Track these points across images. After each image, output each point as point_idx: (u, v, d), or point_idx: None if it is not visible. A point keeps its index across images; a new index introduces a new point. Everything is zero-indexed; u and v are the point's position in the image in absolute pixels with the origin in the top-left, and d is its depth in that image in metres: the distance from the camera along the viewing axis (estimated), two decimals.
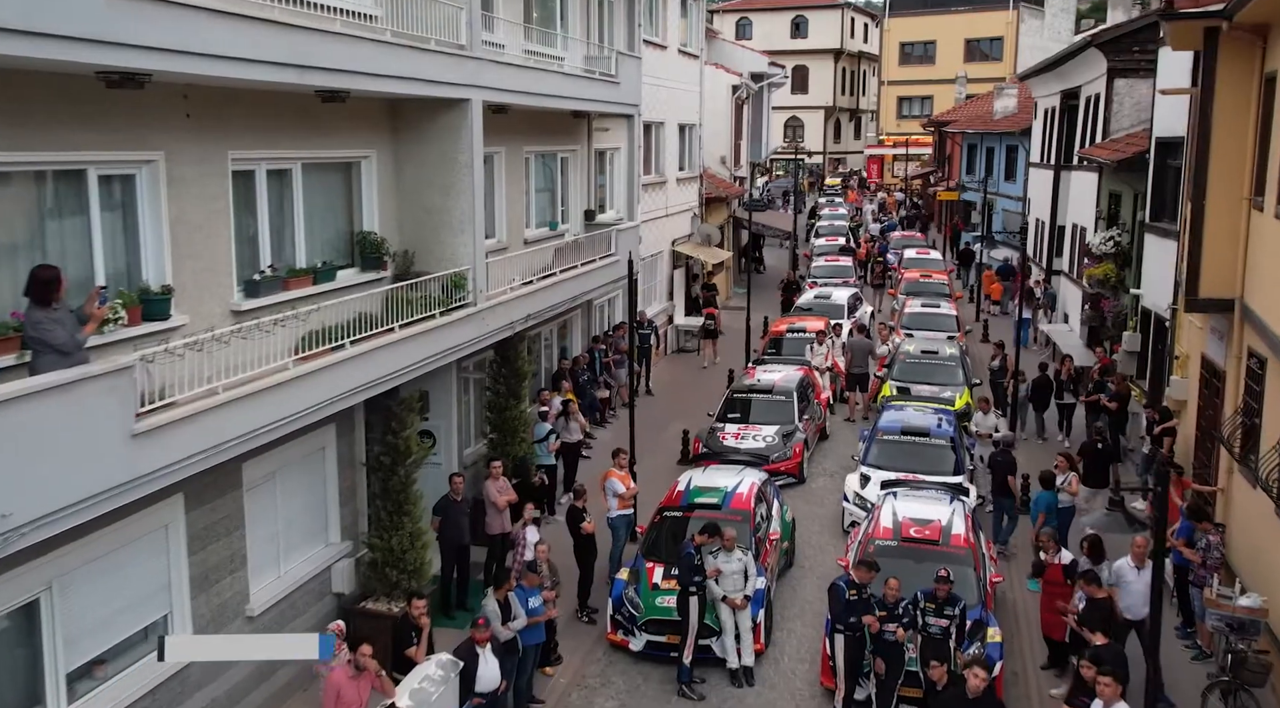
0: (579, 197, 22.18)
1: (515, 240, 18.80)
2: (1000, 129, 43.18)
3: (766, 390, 20.83)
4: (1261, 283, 13.67)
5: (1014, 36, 67.65)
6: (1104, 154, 23.76)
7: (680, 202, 30.60)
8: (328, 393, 11.39)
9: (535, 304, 17.07)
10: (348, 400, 11.93)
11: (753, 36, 73.70)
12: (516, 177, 18.81)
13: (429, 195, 14.63)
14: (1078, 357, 25.45)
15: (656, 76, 27.38)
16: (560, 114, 20.14)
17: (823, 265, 36.92)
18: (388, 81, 12.41)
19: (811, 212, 54.01)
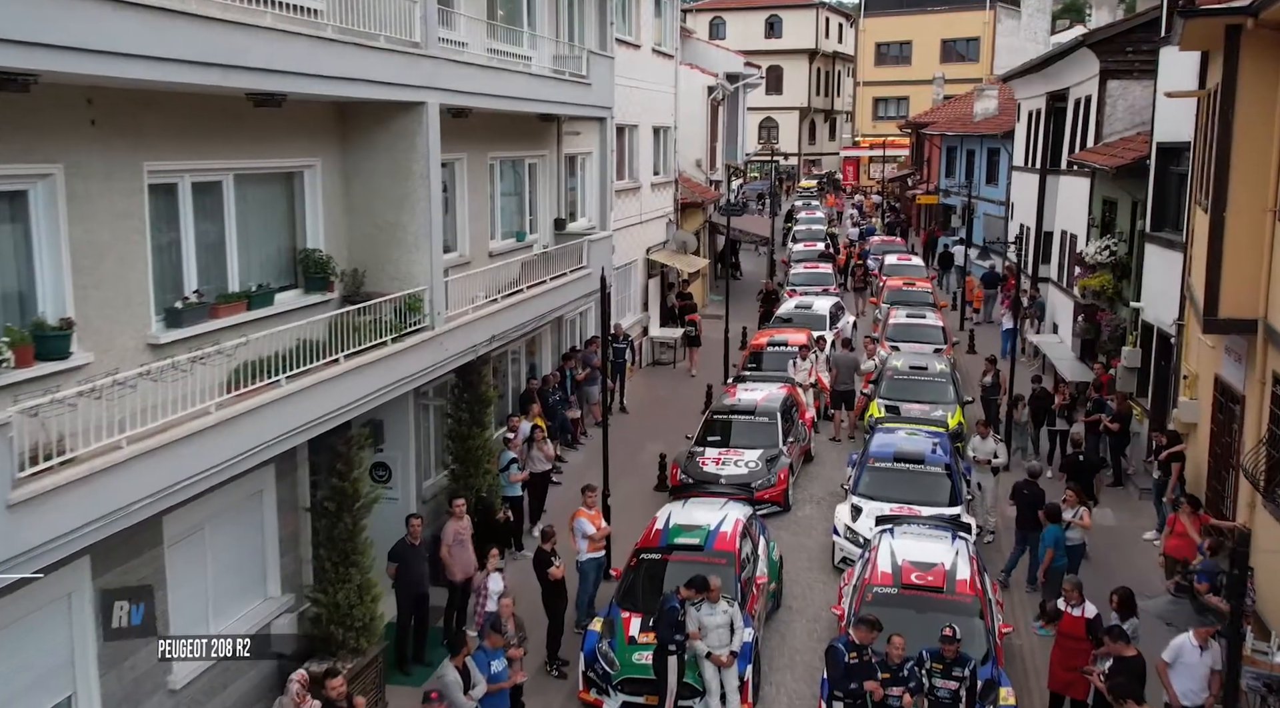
0: (548, 204, 20.87)
1: (479, 254, 17.47)
2: (981, 131, 42.18)
3: (748, 412, 19.59)
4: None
5: (991, 37, 66.92)
6: (1099, 159, 22.69)
7: (655, 207, 29.35)
8: (260, 437, 10.04)
9: (500, 324, 15.74)
10: (286, 443, 10.58)
11: (726, 36, 72.49)
12: (480, 185, 17.48)
13: (381, 208, 13.28)
14: (1070, 370, 24.42)
15: (630, 77, 26.11)
16: (527, 117, 18.83)
17: (801, 273, 35.75)
18: (330, 83, 11.06)
19: (788, 215, 52.84)
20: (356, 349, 11.56)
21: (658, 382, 27.38)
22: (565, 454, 20.94)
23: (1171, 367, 18.40)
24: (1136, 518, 17.95)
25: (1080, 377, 23.80)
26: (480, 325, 14.94)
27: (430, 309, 13.27)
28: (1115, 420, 19.01)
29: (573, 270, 19.07)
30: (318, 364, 10.98)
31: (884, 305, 30.97)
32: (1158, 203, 19.74)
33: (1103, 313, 22.36)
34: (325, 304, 12.57)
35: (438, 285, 13.47)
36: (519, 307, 16.52)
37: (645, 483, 19.71)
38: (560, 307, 18.88)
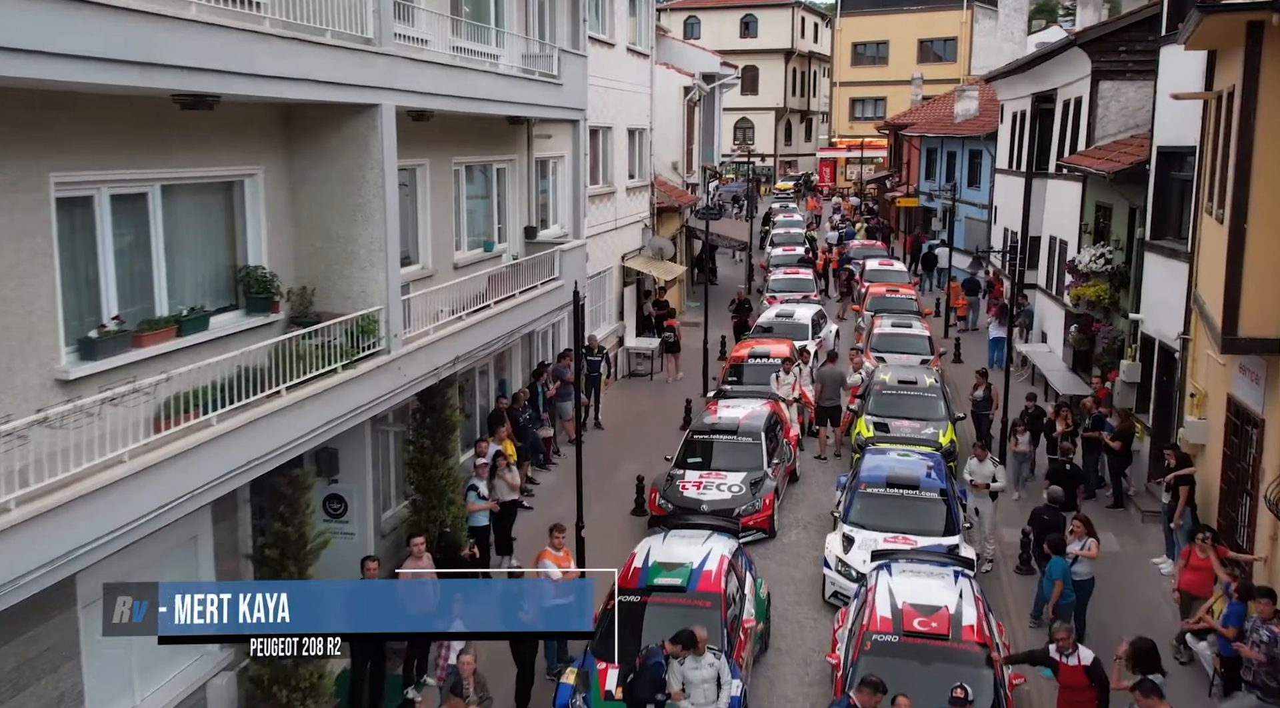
0: (518, 212, 19.73)
1: (443, 266, 16.32)
2: (962, 133, 41.29)
3: (730, 431, 18.50)
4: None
5: (968, 37, 66.26)
6: (1092, 163, 21.77)
7: (630, 213, 28.23)
8: (188, 484, 8.87)
9: (465, 343, 14.60)
10: (218, 490, 9.41)
11: (701, 35, 71.53)
12: (443, 192, 16.32)
13: (331, 221, 12.11)
14: (1061, 382, 23.50)
15: (604, 77, 25.00)
16: (495, 120, 17.68)
17: (781, 279, 34.65)
18: (268, 84, 9.89)
19: (765, 218, 51.82)
20: (301, 379, 10.40)
21: (635, 394, 26.27)
22: (537, 475, 19.82)
23: (1175, 383, 17.46)
24: (1141, 543, 17.00)
25: (1073, 389, 22.89)
26: (443, 346, 13.79)
27: (386, 331, 12.12)
28: (1116, 438, 18.07)
29: (544, 283, 17.94)
30: (257, 398, 9.82)
31: (866, 313, 29.95)
32: (1158, 210, 18.81)
33: (1098, 324, 21.43)
34: (269, 327, 11.41)
35: (394, 304, 12.31)
36: (486, 324, 15.39)
37: (622, 507, 18.60)
38: (531, 322, 17.75)
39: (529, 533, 16.86)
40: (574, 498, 15.18)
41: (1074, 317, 23.35)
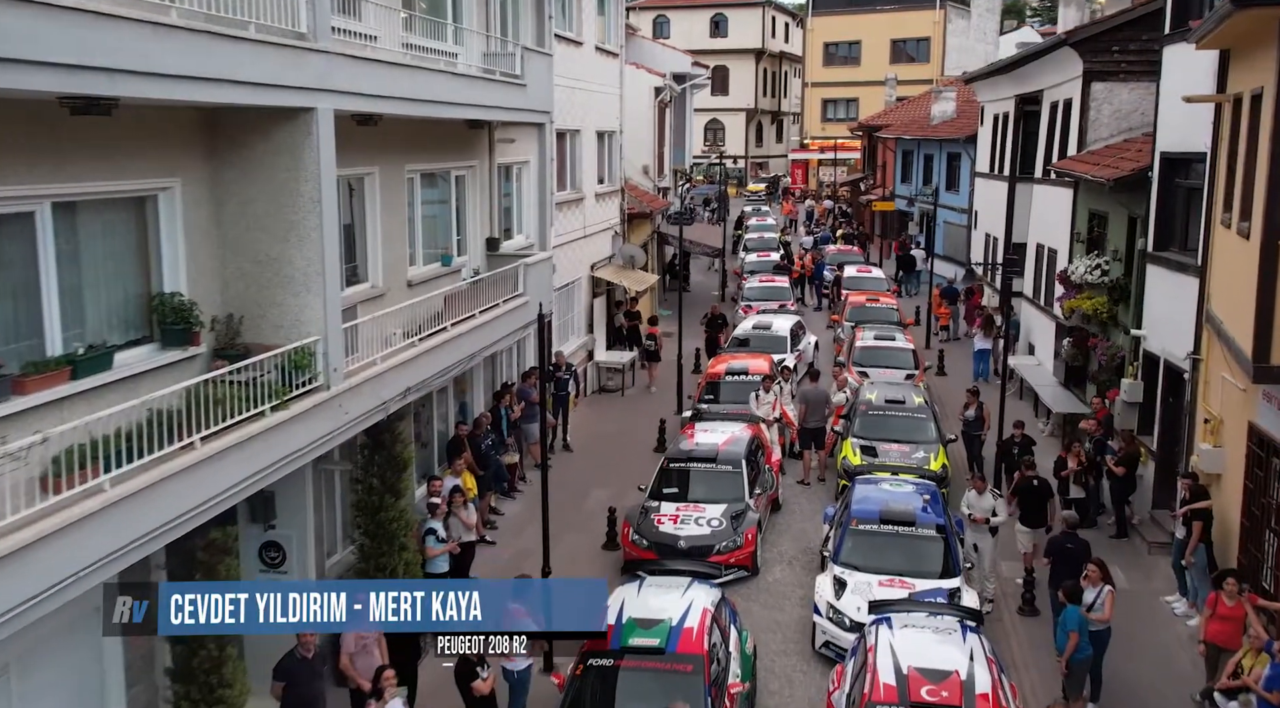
0: (479, 222, 18.33)
1: (396, 283, 14.91)
2: (940, 135, 40.29)
3: (709, 458, 17.17)
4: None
5: (941, 37, 65.42)
6: (1087, 169, 20.64)
7: (600, 220, 26.87)
8: (75, 562, 7.45)
9: (418, 372, 13.19)
10: (115, 565, 7.97)
11: (670, 35, 70.21)
12: (396, 203, 14.92)
13: (261, 240, 10.69)
14: (1053, 397, 22.38)
15: (571, 77, 23.64)
16: (453, 124, 16.29)
17: (757, 287, 33.33)
18: (175, 84, 8.46)
19: (738, 222, 50.55)
20: (220, 427, 8.97)
21: (605, 412, 24.90)
22: (502, 505, 18.44)
23: (1184, 406, 16.31)
24: (1150, 579, 15.84)
25: (1066, 406, 21.79)
26: (393, 377, 12.38)
27: (324, 365, 10.70)
28: (1120, 463, 16.92)
29: (507, 300, 16.55)
30: (168, 451, 8.40)
31: (846, 324, 28.76)
32: (1162, 220, 17.68)
33: (1094, 338, 20.29)
34: (189, 362, 9.97)
35: (334, 334, 10.90)
36: (442, 349, 13.98)
37: (593, 540, 17.23)
38: (493, 343, 16.36)
39: (492, 572, 15.53)
40: (540, 530, 13.86)
41: (1066, 330, 22.24)
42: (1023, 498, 15.57)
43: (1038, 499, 15.48)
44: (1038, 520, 15.35)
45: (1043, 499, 15.56)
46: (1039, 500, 15.48)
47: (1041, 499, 15.54)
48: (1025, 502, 15.49)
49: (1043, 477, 16.31)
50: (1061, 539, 14.14)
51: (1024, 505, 15.45)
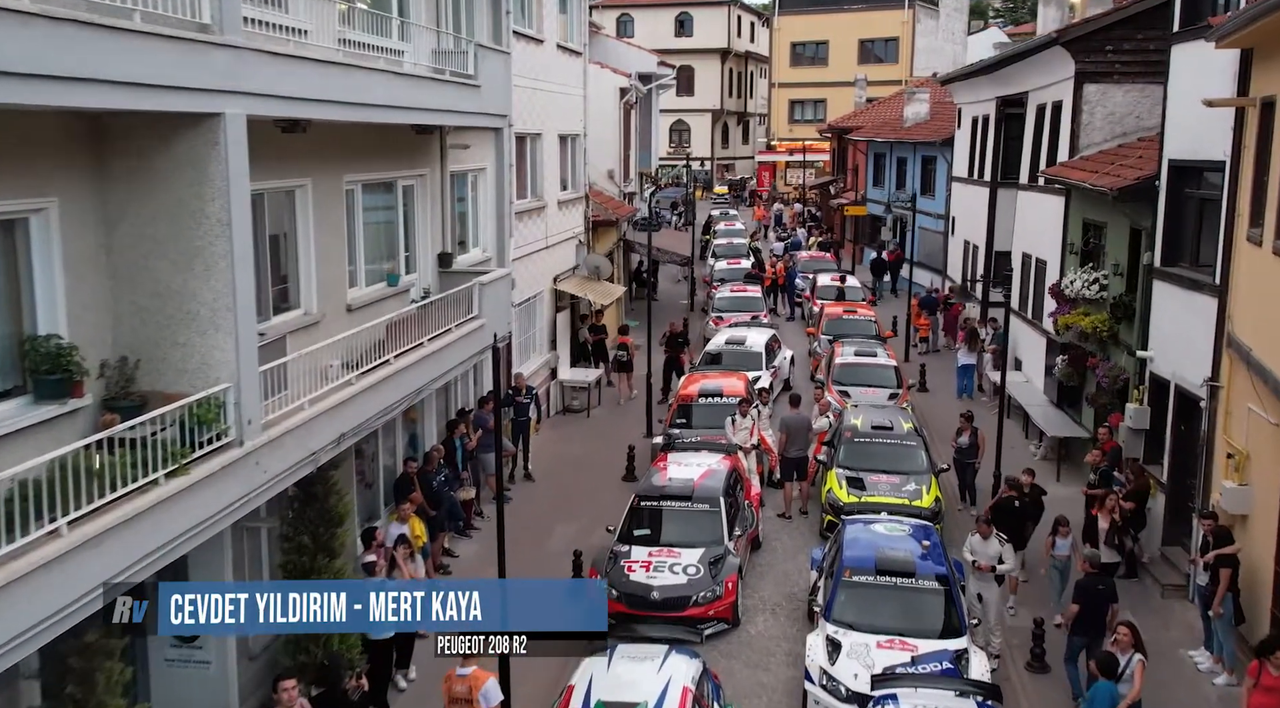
0: (430, 236, 16.71)
1: (333, 308, 13.28)
2: (914, 138, 39.02)
3: (683, 496, 15.63)
4: None
5: (910, 37, 64.33)
6: (1083, 176, 19.32)
7: (563, 229, 25.29)
8: None
9: (355, 414, 11.56)
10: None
11: (635, 34, 68.65)
12: (333, 218, 13.28)
13: (161, 270, 9.05)
14: (1045, 418, 21.06)
15: (532, 77, 22.07)
16: (400, 129, 14.68)
17: (728, 297, 31.77)
18: (34, 86, 6.81)
19: (705, 226, 49.04)
20: (95, 505, 7.31)
21: (570, 435, 23.31)
22: (457, 545, 16.84)
23: (1201, 437, 14.99)
24: (1166, 627, 14.47)
25: (1059, 428, 20.49)
26: (324, 423, 10.75)
27: (237, 416, 9.06)
28: (1129, 498, 15.59)
29: (460, 324, 14.94)
30: (31, 539, 6.74)
31: (823, 337, 27.33)
32: (1171, 233, 16.37)
33: (1093, 358, 18.96)
34: (69, 417, 8.30)
35: (248, 379, 9.25)
36: (385, 385, 12.36)
37: None
38: (444, 374, 14.72)
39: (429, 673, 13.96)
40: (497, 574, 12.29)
41: (1060, 347, 20.92)
42: (1000, 517, 14.64)
43: (1017, 520, 14.75)
44: (1016, 543, 14.40)
45: (1022, 520, 14.81)
46: (1018, 521, 14.75)
47: (1021, 520, 14.80)
48: (1002, 522, 14.51)
49: (1024, 498, 15.27)
50: (1090, 581, 12.80)
51: (1000, 525, 14.36)
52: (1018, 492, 15.33)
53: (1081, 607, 12.62)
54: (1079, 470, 19.83)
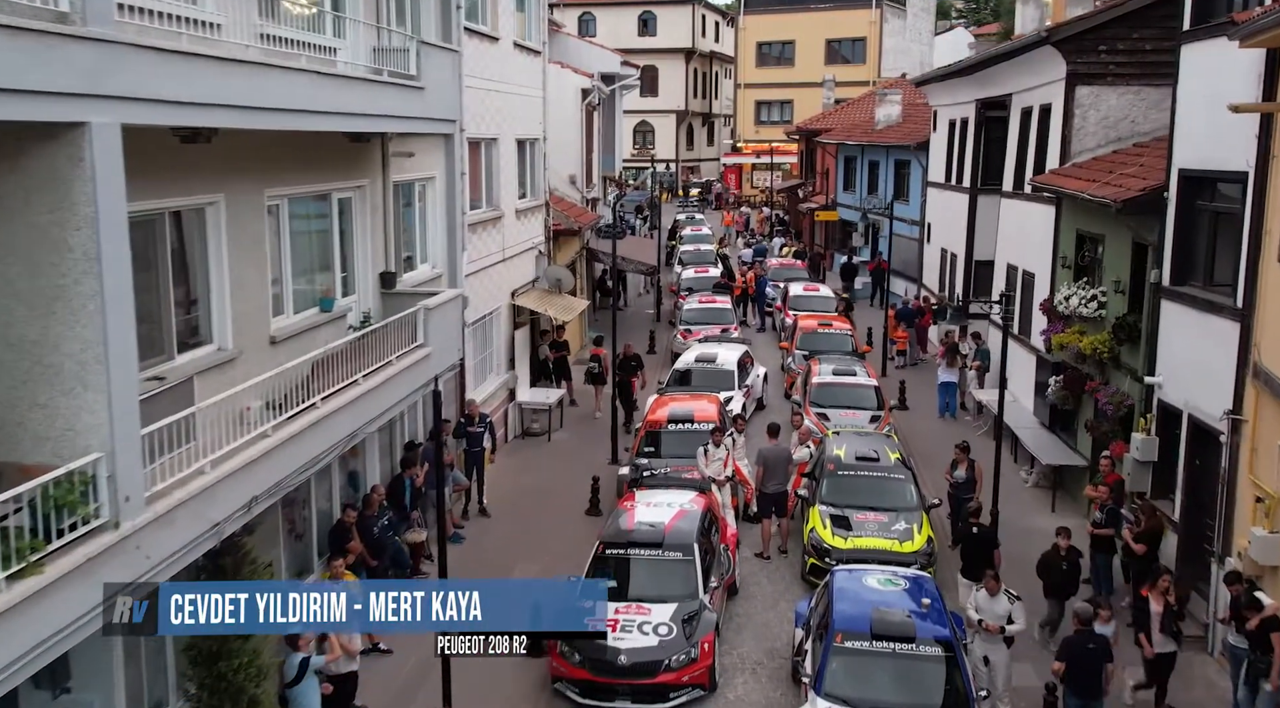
0: (371, 253, 15.05)
1: (253, 342, 11.61)
2: (887, 141, 37.72)
3: (653, 543, 14.05)
4: None
5: (877, 37, 63.25)
6: (1080, 185, 17.97)
7: (522, 239, 23.67)
8: None
9: (272, 471, 9.91)
10: None
11: (597, 33, 67.08)
12: (251, 239, 11.61)
13: (14, 315, 7.37)
14: (1035, 443, 19.73)
15: (486, 78, 20.46)
16: (333, 136, 13.02)
17: (696, 308, 30.22)
18: None
19: (671, 232, 47.48)
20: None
21: (529, 461, 21.68)
22: None
23: (1221, 474, 13.64)
24: (1188, 686, 13.08)
25: (1054, 456, 19.16)
26: (231, 487, 9.10)
27: (112, 493, 7.40)
28: (1141, 539, 14.25)
29: (402, 355, 13.31)
30: None
31: (798, 352, 25.88)
32: (1181, 249, 15.05)
33: (1092, 382, 17.63)
34: None
35: (126, 445, 7.59)
36: (310, 433, 10.71)
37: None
38: (384, 412, 13.06)
39: (390, 692, 12.46)
40: None
41: (1052, 366, 19.60)
42: (965, 547, 14.42)
43: (982, 549, 14.18)
44: (979, 574, 13.48)
45: (988, 549, 14.18)
46: (984, 550, 14.16)
47: (986, 549, 14.18)
48: (968, 551, 14.31)
49: (985, 525, 14.61)
50: (1080, 639, 11.68)
51: (966, 555, 14.28)
52: (976, 518, 14.67)
53: (1069, 666, 11.53)
54: (1075, 502, 18.53)
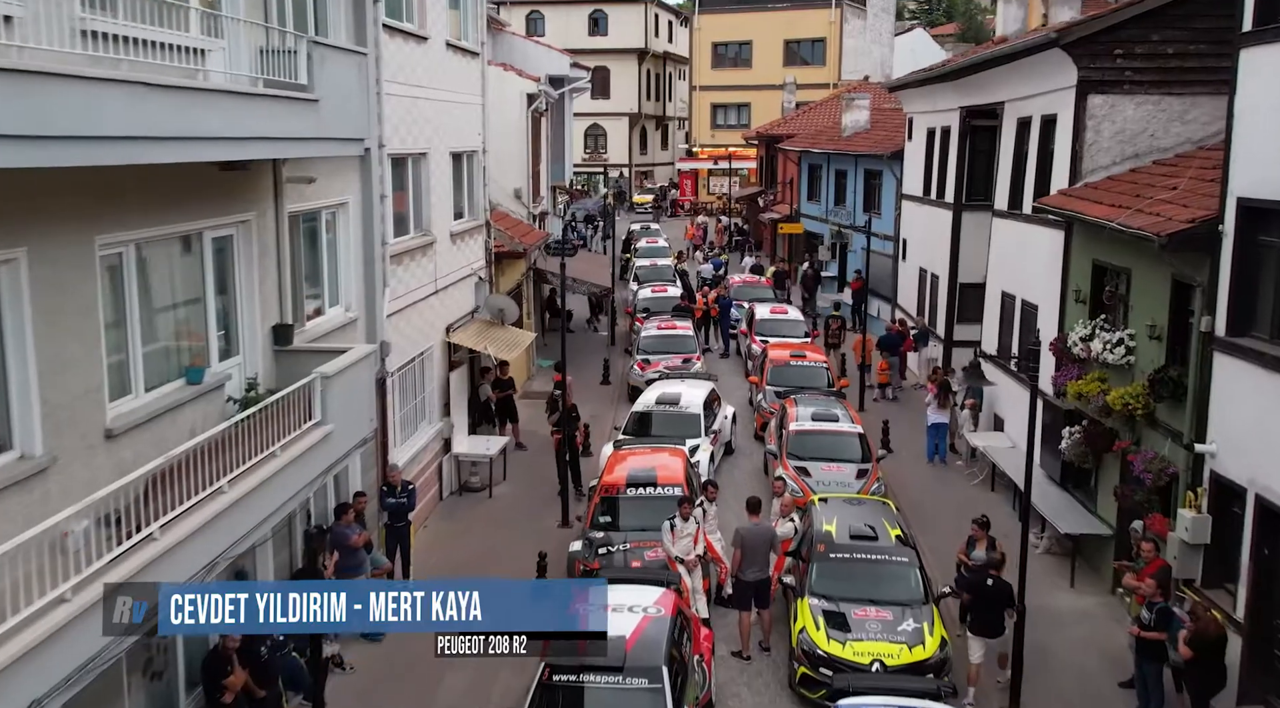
0: (259, 304, 12.16)
1: (81, 440, 8.75)
2: (856, 149, 35.27)
3: (613, 667, 11.24)
4: None
5: (838, 38, 60.96)
6: (1106, 212, 15.46)
7: (459, 266, 20.82)
8: None
9: (77, 647, 7.02)
10: None
11: (545, 33, 64.21)
12: (75, 302, 8.73)
13: None
14: (1049, 505, 17.12)
15: (413, 83, 17.67)
16: (196, 164, 10.12)
17: (655, 336, 27.35)
18: None
19: (625, 244, 44.61)
20: None
21: (466, 525, 18.78)
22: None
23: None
24: None
25: (1073, 523, 16.57)
26: (47, 655, 6.22)
27: None
28: (1192, 644, 11.76)
29: (288, 444, 10.44)
30: None
31: (768, 390, 23.22)
32: (1241, 293, 12.60)
33: (1120, 442, 15.16)
34: None
35: None
36: (157, 566, 7.84)
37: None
38: (264, 521, 10.17)
39: None
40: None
41: (1067, 415, 17.11)
42: (976, 599, 13.24)
43: (996, 603, 13.12)
44: (995, 629, 13.09)
45: (1001, 603, 13.10)
46: (997, 604, 13.11)
47: (1000, 603, 13.12)
48: (979, 604, 13.18)
49: (1003, 578, 13.21)
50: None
51: (976, 608, 13.19)
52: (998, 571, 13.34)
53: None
54: (1099, 576, 16.11)
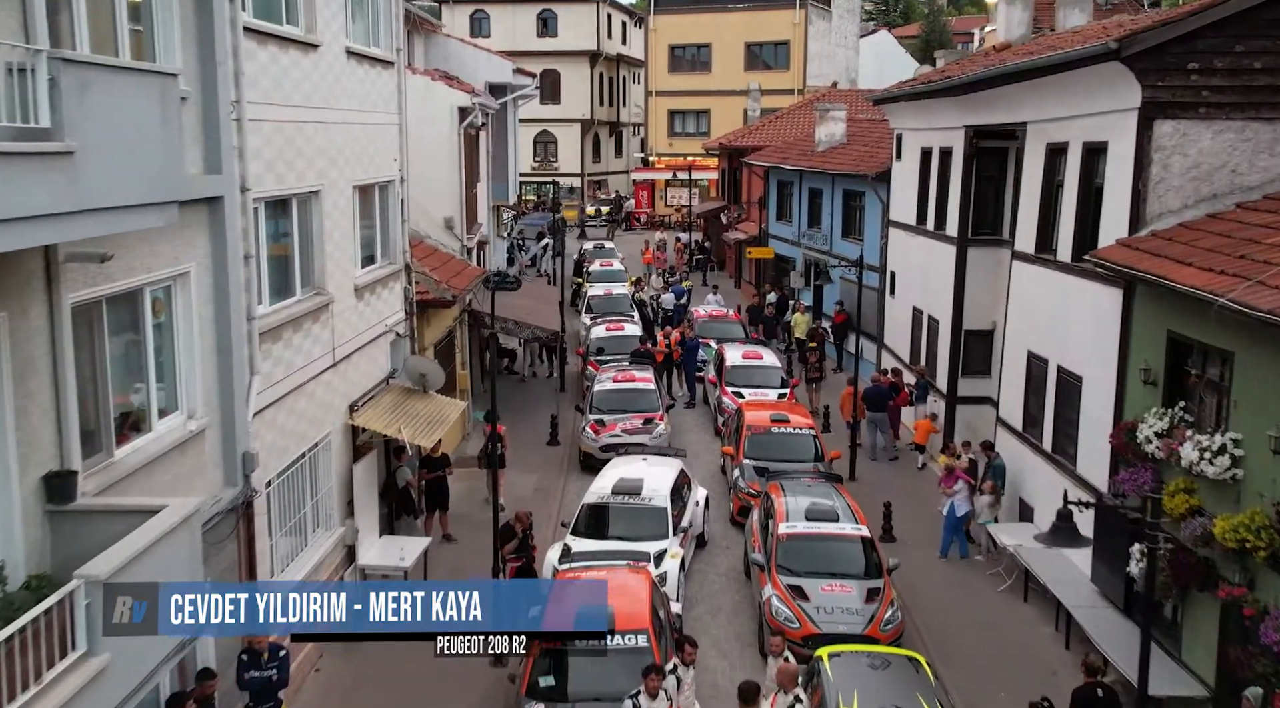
0: (14, 445, 8.08)
1: None
2: (833, 168, 31.57)
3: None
4: None
5: (802, 40, 57.42)
6: (1204, 281, 11.75)
7: (368, 326, 16.78)
8: None
9: None
10: None
11: (491, 33, 60.15)
12: None
13: None
14: (1112, 644, 13.42)
15: (296, 103, 13.70)
16: None
17: (611, 391, 23.23)
18: None
19: (577, 267, 40.49)
20: None
21: (370, 671, 14.59)
22: None
23: None
24: None
25: (1158, 683, 12.63)
26: None
27: None
28: None
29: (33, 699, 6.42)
30: None
31: (746, 464, 19.36)
32: None
33: (1229, 586, 11.46)
34: None
35: None
36: None
37: None
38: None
39: None
40: None
41: (1133, 526, 13.40)
42: None
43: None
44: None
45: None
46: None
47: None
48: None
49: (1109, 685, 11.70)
50: None
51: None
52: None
53: None
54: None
